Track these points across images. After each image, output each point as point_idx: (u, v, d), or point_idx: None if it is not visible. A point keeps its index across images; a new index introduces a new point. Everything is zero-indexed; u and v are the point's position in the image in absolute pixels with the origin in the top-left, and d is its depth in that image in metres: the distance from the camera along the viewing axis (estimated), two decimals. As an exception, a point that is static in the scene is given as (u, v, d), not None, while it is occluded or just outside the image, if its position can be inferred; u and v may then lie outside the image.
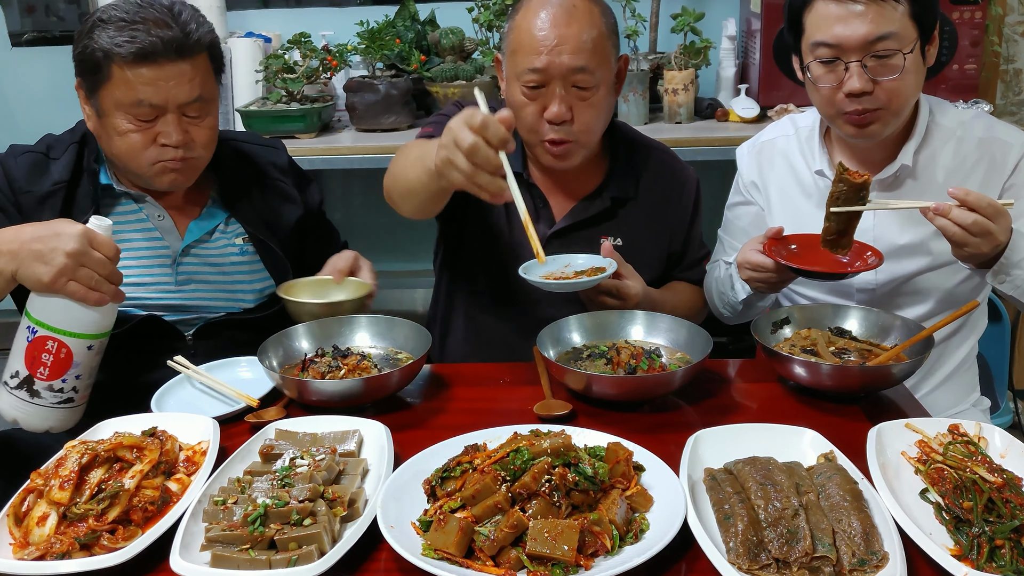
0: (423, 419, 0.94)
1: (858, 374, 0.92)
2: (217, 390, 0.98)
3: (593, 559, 0.67)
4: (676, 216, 1.23)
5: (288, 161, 1.22)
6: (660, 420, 0.92)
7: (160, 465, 0.77)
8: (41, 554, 0.68)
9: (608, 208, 1.17)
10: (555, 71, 1.04)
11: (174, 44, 0.96)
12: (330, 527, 0.69)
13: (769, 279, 1.03)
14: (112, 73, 0.97)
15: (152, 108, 0.98)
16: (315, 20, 2.12)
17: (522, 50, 1.05)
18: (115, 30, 0.96)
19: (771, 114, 1.84)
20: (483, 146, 0.81)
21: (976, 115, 1.11)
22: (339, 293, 1.09)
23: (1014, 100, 2.15)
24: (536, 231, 1.20)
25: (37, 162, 1.06)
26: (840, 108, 1.02)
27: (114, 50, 0.95)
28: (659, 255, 1.23)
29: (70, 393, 0.91)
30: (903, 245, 1.10)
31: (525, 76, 1.05)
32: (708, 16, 1.91)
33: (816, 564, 0.65)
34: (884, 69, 0.99)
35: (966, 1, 1.74)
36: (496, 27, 1.91)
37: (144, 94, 0.97)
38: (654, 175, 1.21)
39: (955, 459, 0.76)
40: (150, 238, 1.10)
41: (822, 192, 1.13)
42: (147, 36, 0.95)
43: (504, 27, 1.11)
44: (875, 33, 0.97)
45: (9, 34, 2.24)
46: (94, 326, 0.90)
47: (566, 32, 1.03)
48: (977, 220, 0.89)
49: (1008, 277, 0.95)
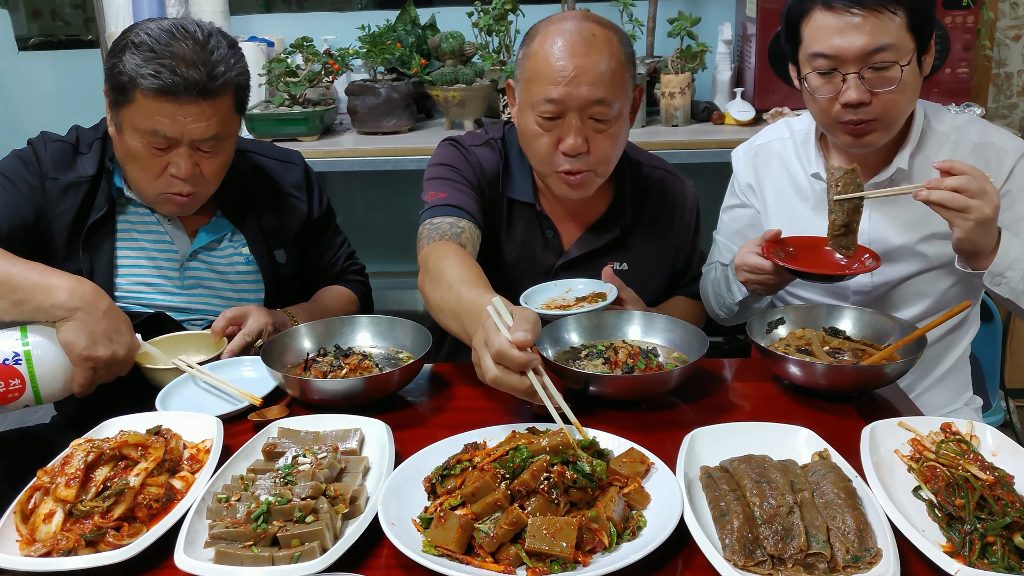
0: (424, 418, 0.95)
1: (852, 373, 0.93)
2: (221, 389, 0.98)
3: (591, 555, 0.67)
4: (679, 235, 1.24)
5: (303, 175, 1.22)
6: (657, 419, 0.92)
7: (165, 463, 0.78)
8: (47, 550, 0.69)
9: (617, 237, 1.18)
10: (572, 103, 1.00)
11: (197, 87, 0.97)
12: (332, 524, 0.70)
13: (767, 281, 1.04)
14: (135, 98, 0.98)
15: (166, 139, 0.99)
16: (317, 25, 2.14)
17: (539, 79, 1.02)
18: (143, 60, 0.96)
19: (766, 117, 1.85)
20: (505, 377, 0.78)
21: (970, 120, 1.11)
22: (197, 353, 1.03)
23: (1005, 103, 2.17)
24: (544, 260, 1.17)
25: (65, 151, 1.07)
26: (837, 118, 1.03)
27: (138, 80, 0.96)
28: (664, 273, 1.23)
29: None
30: (898, 248, 1.11)
31: (541, 107, 1.02)
32: (704, 21, 1.93)
33: (811, 561, 0.66)
34: (881, 81, 0.99)
35: (958, 6, 1.76)
36: (495, 31, 1.93)
37: (160, 125, 0.98)
38: (657, 196, 1.21)
39: (947, 457, 0.76)
40: (160, 240, 1.11)
41: (818, 195, 1.14)
42: (171, 75, 0.95)
43: (518, 53, 1.08)
44: (872, 45, 0.97)
45: (16, 38, 2.25)
46: (54, 395, 0.91)
47: (585, 63, 0.99)
48: (972, 179, 0.91)
49: (1004, 279, 0.97)
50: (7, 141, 1.15)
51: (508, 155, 1.17)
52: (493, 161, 1.16)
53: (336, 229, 1.29)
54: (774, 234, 1.05)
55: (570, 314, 1.04)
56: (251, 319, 1.05)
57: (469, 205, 1.10)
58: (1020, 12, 2.11)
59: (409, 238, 1.20)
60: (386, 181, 2.23)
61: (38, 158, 1.06)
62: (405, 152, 1.77)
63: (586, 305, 1.04)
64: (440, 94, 1.89)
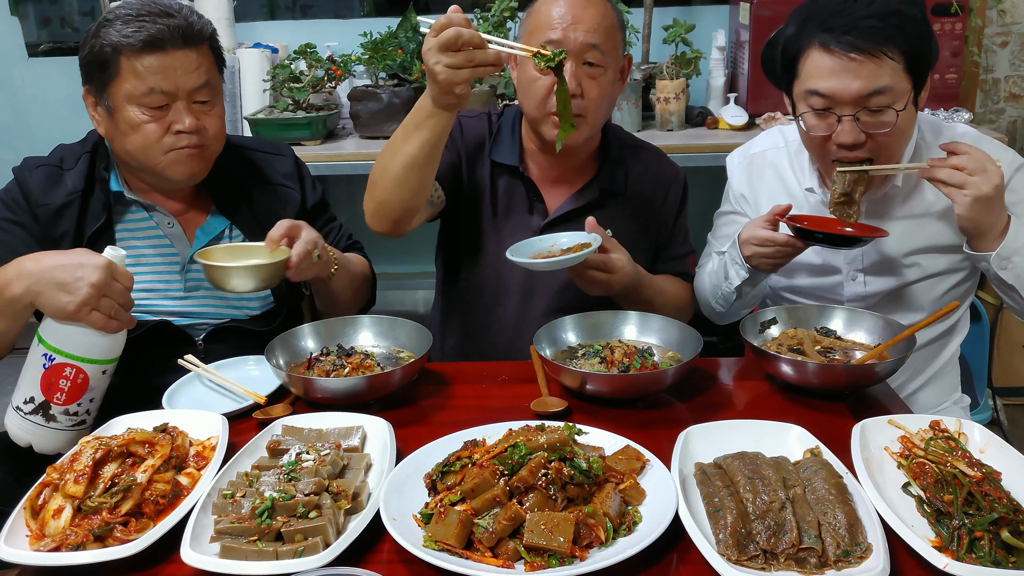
0: (424, 415, 0.96)
1: (843, 372, 0.94)
2: (226, 388, 1.00)
3: (588, 550, 0.68)
4: (662, 210, 1.26)
5: (293, 165, 1.22)
6: (652, 416, 0.93)
7: (171, 460, 0.79)
8: (56, 545, 0.70)
9: (597, 199, 1.20)
10: (570, 45, 1.08)
11: (180, 31, 0.99)
12: (335, 520, 0.71)
13: (775, 253, 1.03)
14: (121, 67, 0.99)
15: (163, 95, 1.00)
16: (320, 31, 2.15)
17: (539, 28, 1.10)
18: (122, 24, 0.99)
19: (759, 122, 1.88)
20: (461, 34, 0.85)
21: (964, 133, 1.11)
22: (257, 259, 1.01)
23: (993, 108, 2.19)
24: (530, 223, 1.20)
25: (51, 174, 1.08)
26: (831, 156, 1.03)
27: (123, 42, 0.98)
28: (646, 247, 1.25)
29: (83, 416, 0.92)
30: (892, 258, 1.11)
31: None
32: (699, 28, 1.95)
33: (802, 555, 0.67)
34: (876, 123, 0.98)
35: (947, 13, 1.78)
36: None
37: (154, 82, 0.99)
38: (643, 171, 1.24)
39: (936, 454, 0.77)
40: (160, 245, 1.11)
41: (812, 207, 1.14)
42: (153, 25, 0.98)
43: (523, 17, 1.16)
44: (868, 88, 0.96)
45: (26, 44, 2.27)
46: (110, 351, 0.92)
47: (582, 13, 1.09)
48: (972, 157, 0.92)
49: (1010, 263, 0.97)
50: (17, 146, 1.17)
51: (501, 125, 1.23)
52: (479, 129, 1.23)
53: (332, 216, 1.26)
54: (783, 209, 1.04)
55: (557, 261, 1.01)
56: (305, 230, 1.03)
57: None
58: (1007, 19, 2.14)
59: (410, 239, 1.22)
60: (387, 185, 2.24)
61: (24, 190, 1.06)
62: (406, 156, 1.80)
63: (572, 254, 1.02)
64: (440, 99, 1.92)
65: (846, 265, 1.14)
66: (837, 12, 0.97)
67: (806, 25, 1.00)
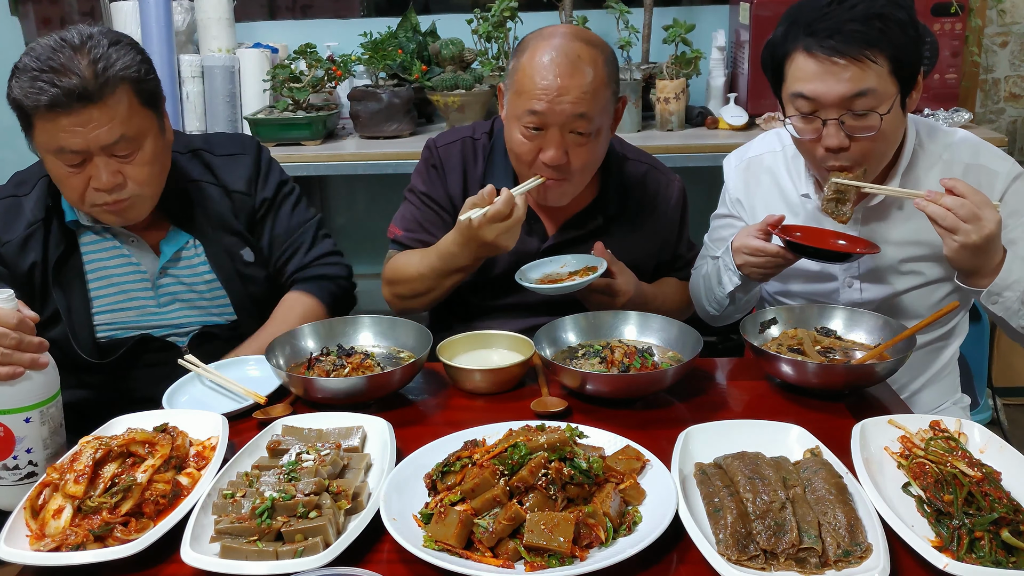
0: (424, 416, 0.96)
1: (843, 372, 0.94)
2: (226, 388, 1.00)
3: (588, 550, 0.69)
4: (665, 228, 1.26)
5: (252, 165, 1.15)
6: (652, 416, 0.94)
7: (171, 460, 0.79)
8: (57, 545, 0.70)
9: (600, 226, 1.21)
10: (554, 119, 1.06)
11: (75, 93, 0.92)
12: (335, 519, 0.71)
13: (766, 264, 1.03)
14: (34, 121, 0.95)
15: (74, 154, 0.95)
16: (320, 31, 2.15)
17: (525, 93, 1.07)
18: (28, 80, 0.93)
19: (759, 122, 1.88)
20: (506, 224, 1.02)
21: (963, 139, 1.10)
22: (496, 352, 1.01)
23: (993, 108, 2.20)
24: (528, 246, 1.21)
25: (10, 207, 1.06)
26: (821, 161, 1.03)
27: (26, 103, 0.94)
28: (649, 264, 1.26)
29: (28, 468, 0.84)
30: (889, 265, 1.11)
31: (526, 119, 1.07)
32: (698, 28, 1.95)
33: (802, 555, 0.67)
34: (860, 127, 0.98)
35: (947, 13, 1.78)
36: (494, 38, 1.96)
37: (63, 141, 0.94)
38: (642, 189, 1.24)
39: (936, 454, 0.77)
40: (126, 263, 1.10)
41: (808, 213, 1.14)
42: (51, 87, 0.92)
43: (511, 62, 1.13)
44: (852, 91, 0.96)
45: (26, 44, 2.27)
46: (27, 397, 0.82)
47: (568, 83, 1.04)
48: (966, 203, 0.91)
49: (1000, 299, 0.97)
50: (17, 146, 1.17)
51: (494, 147, 1.22)
52: (459, 159, 1.23)
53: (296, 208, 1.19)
54: (776, 220, 1.05)
55: (562, 287, 1.05)
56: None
57: (428, 228, 1.21)
58: (1007, 19, 2.14)
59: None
60: (387, 184, 2.25)
61: None
62: (406, 156, 1.79)
63: (578, 279, 1.06)
64: (440, 99, 1.92)
65: (842, 272, 1.14)
66: (821, 16, 0.97)
67: (792, 29, 1.01)
